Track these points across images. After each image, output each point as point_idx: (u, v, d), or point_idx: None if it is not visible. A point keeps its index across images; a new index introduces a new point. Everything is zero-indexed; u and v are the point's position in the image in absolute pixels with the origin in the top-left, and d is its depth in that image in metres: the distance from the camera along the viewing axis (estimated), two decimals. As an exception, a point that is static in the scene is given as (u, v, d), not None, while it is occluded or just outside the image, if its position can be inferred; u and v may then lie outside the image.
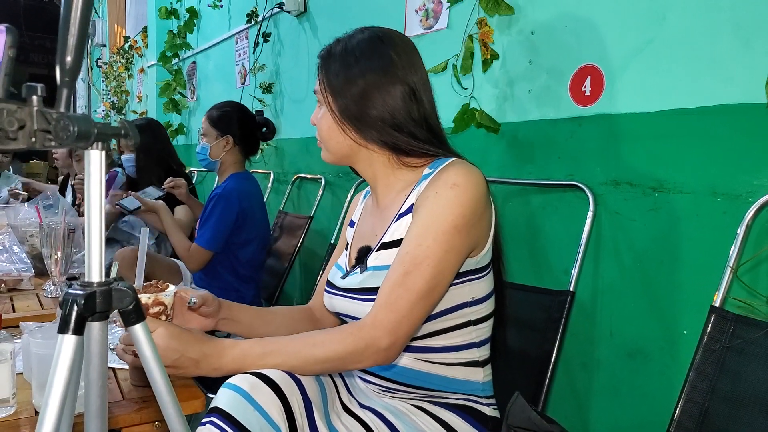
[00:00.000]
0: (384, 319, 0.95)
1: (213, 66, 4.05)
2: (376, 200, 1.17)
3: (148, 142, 2.69)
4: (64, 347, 0.60)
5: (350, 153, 1.12)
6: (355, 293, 1.08)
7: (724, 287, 1.13)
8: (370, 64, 1.08)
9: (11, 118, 0.52)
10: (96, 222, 0.62)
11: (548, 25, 1.56)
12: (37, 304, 1.63)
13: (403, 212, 1.06)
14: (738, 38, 1.17)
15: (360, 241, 1.17)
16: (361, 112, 1.06)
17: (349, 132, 1.08)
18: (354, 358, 0.96)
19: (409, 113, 1.07)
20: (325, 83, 1.10)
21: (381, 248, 1.07)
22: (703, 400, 1.08)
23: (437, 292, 0.99)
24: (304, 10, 2.79)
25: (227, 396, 0.89)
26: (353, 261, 1.15)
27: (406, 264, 0.97)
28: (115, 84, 6.75)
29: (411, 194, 1.07)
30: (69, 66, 0.57)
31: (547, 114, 1.57)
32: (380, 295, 0.98)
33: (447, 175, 1.01)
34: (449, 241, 0.97)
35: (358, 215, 1.26)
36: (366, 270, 1.07)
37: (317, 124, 1.14)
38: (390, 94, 1.07)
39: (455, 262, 0.99)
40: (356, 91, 1.06)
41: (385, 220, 1.11)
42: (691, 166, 1.26)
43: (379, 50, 1.09)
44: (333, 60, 1.11)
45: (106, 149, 0.61)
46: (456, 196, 0.98)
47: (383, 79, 1.07)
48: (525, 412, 1.00)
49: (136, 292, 0.66)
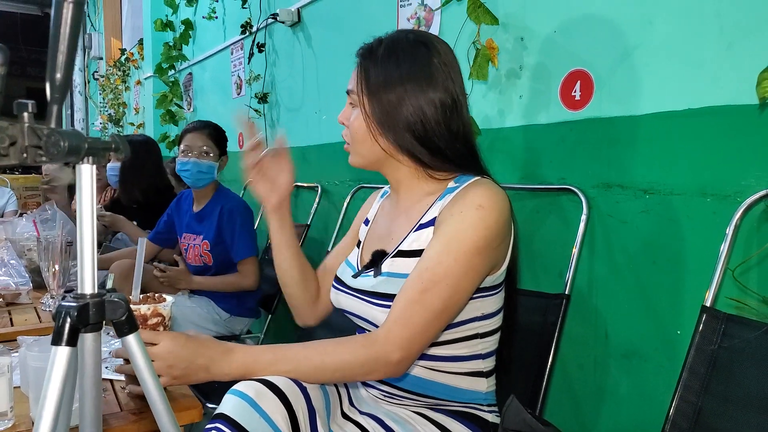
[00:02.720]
0: (397, 335, 0.95)
1: (209, 77, 4.08)
2: (397, 204, 1.15)
3: (139, 160, 2.67)
4: (58, 359, 0.61)
5: (379, 159, 1.09)
6: (366, 295, 1.06)
7: (715, 287, 1.14)
8: (413, 70, 1.03)
9: (2, 135, 0.53)
10: (88, 235, 0.63)
11: (537, 31, 1.57)
12: (35, 317, 1.64)
13: (424, 223, 1.05)
14: (722, 42, 1.18)
15: (375, 242, 1.15)
16: (395, 119, 1.03)
17: (379, 138, 1.05)
18: (364, 370, 0.96)
19: (448, 125, 1.04)
20: (363, 84, 1.06)
21: (397, 255, 1.06)
22: (696, 400, 1.08)
23: (452, 311, 0.99)
24: (298, 21, 2.81)
25: (232, 402, 0.90)
26: (365, 261, 1.13)
27: (425, 281, 0.95)
28: (112, 96, 6.77)
29: (434, 206, 1.05)
30: (59, 82, 0.58)
31: (538, 119, 1.59)
32: (395, 309, 0.97)
33: (473, 195, 1.00)
34: (469, 261, 0.96)
35: (373, 214, 1.24)
36: (380, 275, 1.06)
37: (349, 125, 1.10)
38: (429, 104, 1.03)
39: (473, 282, 0.99)
40: (394, 97, 1.03)
41: (404, 226, 1.10)
42: (681, 168, 1.27)
43: (423, 56, 1.05)
44: (374, 61, 1.06)
45: (97, 164, 0.62)
46: (481, 218, 0.96)
47: (424, 87, 1.03)
48: (520, 414, 1.01)
49: (129, 303, 0.67)
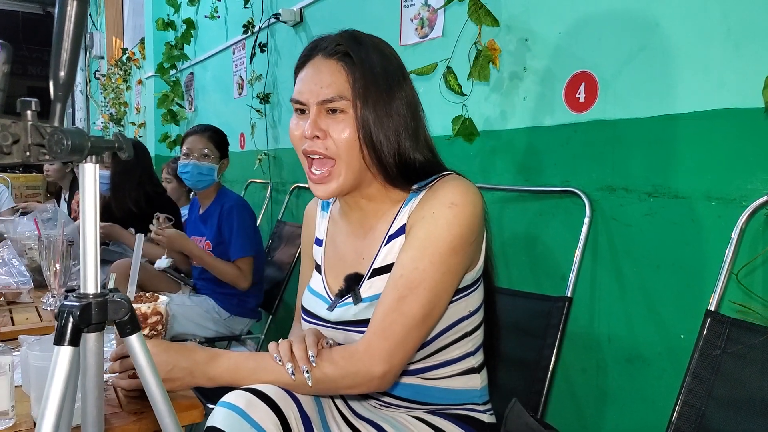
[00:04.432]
0: (377, 347, 0.91)
1: (210, 77, 4.07)
2: (358, 220, 1.07)
3: (128, 165, 2.65)
4: (60, 359, 0.61)
5: (358, 176, 0.97)
6: (350, 325, 1.01)
7: (719, 291, 1.13)
8: (401, 71, 0.97)
9: (5, 133, 0.53)
10: (91, 234, 0.62)
11: (542, 33, 1.57)
12: (36, 316, 1.63)
13: (393, 234, 1.00)
14: (729, 44, 1.18)
15: (340, 265, 1.08)
16: (387, 125, 0.94)
17: (365, 149, 0.94)
18: (346, 383, 0.93)
19: (422, 130, 0.99)
20: (360, 86, 0.93)
21: (373, 275, 1.01)
22: (700, 404, 1.08)
23: (434, 317, 0.95)
24: (300, 21, 2.81)
25: (222, 414, 0.88)
26: (335, 290, 1.06)
27: (401, 288, 0.91)
28: (114, 96, 6.77)
29: (400, 213, 1.00)
30: (62, 80, 0.58)
31: (542, 121, 1.58)
32: (373, 321, 0.93)
33: (444, 193, 0.95)
34: (446, 262, 0.92)
35: (323, 232, 1.15)
36: (361, 301, 1.00)
37: (332, 137, 0.94)
38: (413, 109, 0.97)
39: (452, 283, 0.95)
40: (397, 104, 0.95)
41: (372, 242, 1.03)
42: (686, 171, 1.27)
43: (397, 57, 0.99)
44: (370, 57, 0.95)
45: (100, 162, 0.62)
46: (454, 216, 0.92)
47: (411, 90, 0.97)
48: (522, 418, 1.01)
49: (131, 303, 0.67)
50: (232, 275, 2.22)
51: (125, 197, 2.67)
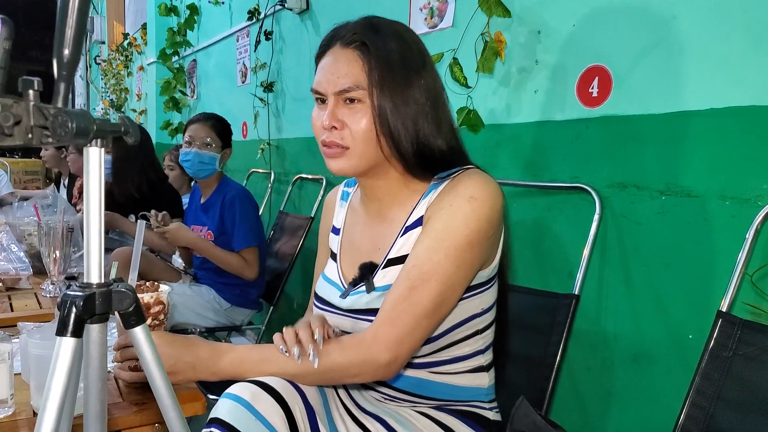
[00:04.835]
0: (385, 335, 0.91)
1: (214, 64, 4.03)
2: (378, 211, 1.07)
3: (131, 150, 2.61)
4: (63, 350, 0.58)
5: (376, 163, 0.97)
6: (361, 314, 1.01)
7: (732, 292, 1.11)
8: (422, 57, 0.96)
9: (7, 113, 0.50)
10: (95, 221, 0.60)
11: (555, 25, 1.54)
12: (35, 303, 1.61)
13: (410, 225, 1.00)
14: (749, 39, 1.15)
15: (356, 254, 1.08)
16: (405, 115, 0.93)
17: (382, 138, 0.93)
18: (352, 372, 0.92)
19: (444, 117, 0.98)
20: (376, 75, 0.92)
21: (388, 265, 1.00)
22: (708, 406, 1.06)
23: (444, 310, 0.94)
24: (306, 8, 2.77)
25: (227, 406, 0.87)
26: (349, 278, 1.06)
27: (413, 278, 0.91)
28: (114, 82, 6.72)
29: (419, 205, 1.00)
30: (67, 59, 0.55)
31: (553, 115, 1.56)
32: (383, 309, 0.93)
33: (464, 186, 0.94)
34: (461, 256, 0.91)
35: (341, 221, 1.15)
36: (375, 290, 1.00)
37: (350, 127, 0.94)
38: (434, 96, 0.95)
39: (465, 278, 0.94)
40: (415, 92, 0.93)
41: (389, 233, 1.03)
42: (700, 169, 1.24)
43: (419, 43, 0.97)
44: (387, 45, 0.93)
45: (105, 146, 0.59)
46: (473, 210, 0.91)
47: (432, 77, 0.95)
48: (529, 416, 0.99)
49: (136, 294, 0.65)
50: (237, 266, 2.20)
51: (128, 183, 2.63)
